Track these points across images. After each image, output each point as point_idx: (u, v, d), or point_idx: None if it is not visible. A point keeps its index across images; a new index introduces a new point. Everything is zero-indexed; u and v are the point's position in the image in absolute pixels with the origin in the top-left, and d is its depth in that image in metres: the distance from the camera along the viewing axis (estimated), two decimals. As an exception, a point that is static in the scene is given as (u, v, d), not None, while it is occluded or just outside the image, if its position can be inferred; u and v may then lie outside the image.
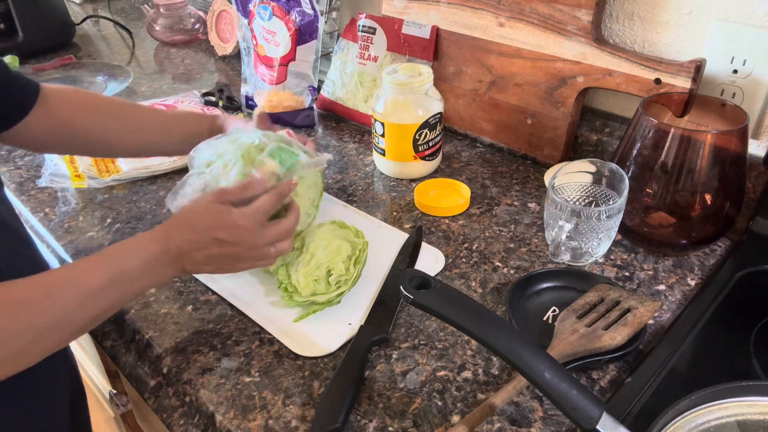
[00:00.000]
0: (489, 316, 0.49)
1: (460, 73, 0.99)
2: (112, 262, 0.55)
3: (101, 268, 0.54)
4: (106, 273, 0.54)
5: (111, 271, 0.54)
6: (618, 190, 0.69)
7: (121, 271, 0.55)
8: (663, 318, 0.65)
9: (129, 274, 0.55)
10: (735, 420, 0.47)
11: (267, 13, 1.03)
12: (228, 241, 0.58)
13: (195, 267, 0.59)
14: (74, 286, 0.52)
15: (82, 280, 0.53)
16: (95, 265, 0.54)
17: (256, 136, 0.67)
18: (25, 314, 0.49)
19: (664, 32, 0.81)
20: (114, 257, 0.55)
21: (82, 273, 0.53)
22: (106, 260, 0.55)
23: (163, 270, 0.58)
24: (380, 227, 0.79)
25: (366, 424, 0.54)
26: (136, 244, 0.57)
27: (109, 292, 0.54)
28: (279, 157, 0.65)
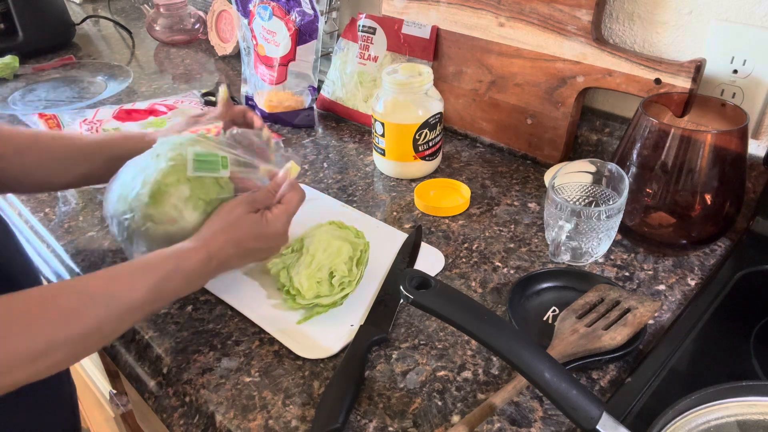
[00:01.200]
0: (489, 316, 0.49)
1: (460, 73, 0.99)
2: (154, 274, 0.54)
3: (144, 281, 0.53)
4: (148, 287, 0.53)
5: (154, 284, 0.54)
6: (618, 190, 0.69)
7: (163, 285, 0.54)
8: (663, 318, 0.65)
9: (170, 287, 0.55)
10: (735, 420, 0.47)
11: (267, 13, 1.03)
12: (266, 247, 0.63)
13: (227, 269, 0.62)
14: (116, 301, 0.51)
15: (124, 295, 0.52)
16: (137, 277, 0.54)
17: (166, 157, 0.64)
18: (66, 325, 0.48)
19: (664, 32, 0.81)
20: (157, 269, 0.55)
21: (125, 287, 0.53)
22: (148, 272, 0.54)
23: (202, 281, 0.59)
24: (380, 227, 0.79)
25: (366, 424, 0.54)
26: (179, 257, 0.56)
27: (148, 306, 0.54)
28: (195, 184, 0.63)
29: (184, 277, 0.56)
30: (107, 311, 0.51)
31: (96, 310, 0.50)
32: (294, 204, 0.65)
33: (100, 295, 0.51)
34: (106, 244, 0.78)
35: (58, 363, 0.48)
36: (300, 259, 0.68)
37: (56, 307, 0.48)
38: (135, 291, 0.53)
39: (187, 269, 0.56)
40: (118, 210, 0.63)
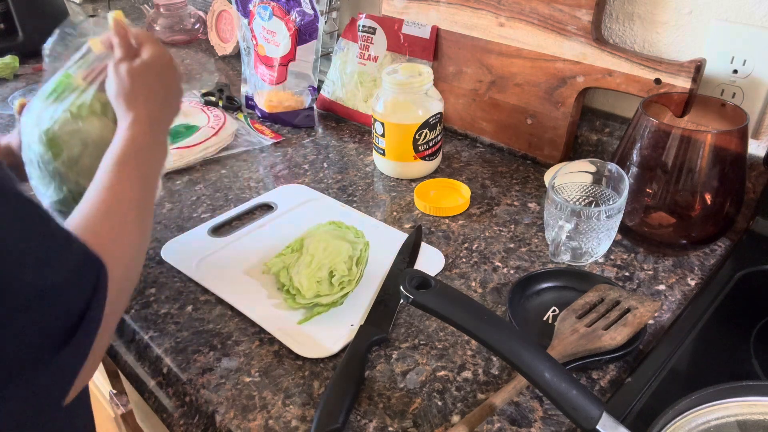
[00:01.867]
0: (489, 316, 0.49)
1: (460, 73, 0.99)
2: (132, 167, 0.58)
3: (133, 175, 0.57)
4: (138, 177, 0.58)
5: (141, 172, 0.58)
6: (618, 190, 0.69)
7: (143, 165, 0.59)
8: (663, 318, 0.65)
9: (147, 161, 0.60)
10: (735, 420, 0.47)
11: (267, 13, 1.03)
12: (165, 72, 0.68)
13: (156, 107, 0.64)
14: (124, 203, 0.55)
15: (127, 196, 0.56)
16: (127, 175, 0.57)
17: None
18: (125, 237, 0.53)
19: (664, 32, 0.81)
20: (128, 166, 0.58)
21: (125, 190, 0.56)
22: (127, 168, 0.57)
23: (156, 137, 0.62)
24: (380, 227, 0.79)
25: (366, 424, 0.54)
26: (127, 141, 0.59)
27: (145, 185, 0.58)
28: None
29: (147, 153, 0.60)
30: (124, 217, 0.54)
31: (118, 220, 0.54)
32: (142, 32, 0.71)
33: (114, 204, 0.55)
34: (106, 244, 0.78)
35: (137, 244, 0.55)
36: (300, 258, 0.68)
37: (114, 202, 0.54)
38: (133, 189, 0.57)
39: (142, 144, 0.60)
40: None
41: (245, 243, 0.77)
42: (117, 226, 0.53)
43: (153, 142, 0.62)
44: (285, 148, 1.01)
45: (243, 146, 1.01)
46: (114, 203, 0.54)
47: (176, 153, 0.94)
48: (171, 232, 0.80)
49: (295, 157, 0.98)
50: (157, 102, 0.64)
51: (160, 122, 0.65)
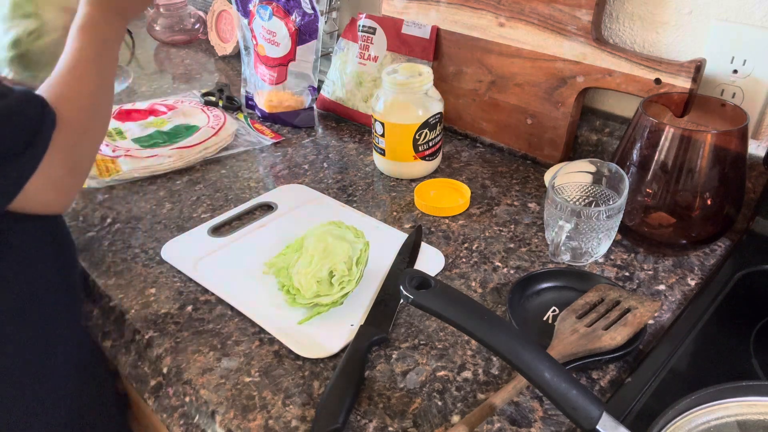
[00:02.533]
0: (489, 316, 0.49)
1: (460, 73, 0.99)
2: (89, 34, 0.68)
3: (88, 42, 0.68)
4: (94, 44, 0.68)
5: (95, 39, 0.69)
6: (618, 190, 0.69)
7: (100, 33, 0.69)
8: (663, 318, 0.65)
9: (103, 31, 0.69)
10: (735, 420, 0.47)
11: (267, 13, 1.03)
12: None
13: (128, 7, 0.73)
14: (86, 61, 0.67)
15: (85, 55, 0.67)
16: (82, 44, 0.68)
17: None
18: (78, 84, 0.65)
19: (664, 32, 0.81)
20: (86, 33, 0.68)
21: (80, 52, 0.67)
22: (85, 34, 0.68)
23: (119, 22, 0.72)
24: (380, 227, 0.79)
25: (366, 424, 0.54)
26: (87, 13, 0.69)
27: (103, 48, 0.69)
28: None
29: (102, 25, 0.70)
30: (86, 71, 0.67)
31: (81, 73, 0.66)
32: None
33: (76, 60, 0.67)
34: (106, 244, 0.78)
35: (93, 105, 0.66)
36: (300, 258, 0.68)
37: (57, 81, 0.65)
38: (89, 50, 0.68)
39: (98, 18, 0.69)
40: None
41: (245, 243, 0.77)
42: (76, 77, 0.65)
43: (106, 18, 0.70)
44: (285, 148, 1.01)
45: (243, 146, 1.01)
46: (73, 60, 0.66)
47: (176, 153, 0.94)
48: (171, 232, 0.80)
49: (295, 157, 0.98)
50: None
51: (116, 5, 0.72)
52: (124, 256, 0.76)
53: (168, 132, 1.00)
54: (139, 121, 1.03)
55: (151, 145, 0.96)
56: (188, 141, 0.97)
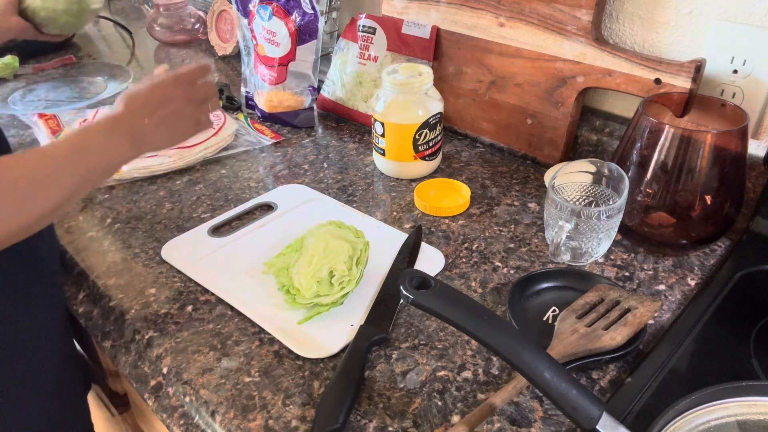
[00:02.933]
0: (489, 316, 0.49)
1: (460, 73, 0.99)
2: (74, 138, 0.60)
3: (65, 143, 0.59)
4: (70, 145, 0.59)
5: (74, 142, 0.59)
6: (618, 190, 0.69)
7: (83, 142, 0.60)
8: (663, 318, 0.65)
9: (90, 144, 0.60)
10: (735, 420, 0.47)
11: (267, 13, 1.03)
12: (166, 97, 0.67)
13: (147, 132, 0.65)
14: (45, 156, 0.57)
15: (50, 151, 0.58)
16: (60, 143, 0.60)
17: None
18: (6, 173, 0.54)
19: (664, 32, 0.81)
20: (75, 134, 0.60)
21: (50, 146, 0.59)
22: (69, 138, 0.60)
23: (120, 140, 0.62)
24: (380, 227, 0.79)
25: (366, 424, 0.54)
26: (94, 124, 0.62)
27: (75, 162, 0.59)
28: None
29: (100, 136, 0.61)
30: (39, 165, 0.56)
31: (29, 164, 0.56)
32: (190, 68, 0.71)
33: (31, 153, 0.57)
34: (106, 244, 0.78)
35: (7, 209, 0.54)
36: (300, 258, 0.68)
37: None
38: (59, 149, 0.59)
39: (101, 128, 0.62)
40: None
41: (245, 243, 0.77)
42: (27, 167, 0.56)
43: (111, 146, 0.62)
44: (285, 148, 1.01)
45: (243, 146, 1.01)
46: (46, 153, 0.58)
47: (176, 153, 0.94)
48: (171, 232, 0.80)
49: (295, 157, 0.98)
50: (156, 121, 0.66)
51: (141, 140, 0.65)
52: (124, 256, 0.76)
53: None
54: (139, 121, 1.03)
55: (151, 145, 0.96)
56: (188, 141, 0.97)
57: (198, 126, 0.72)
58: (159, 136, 0.67)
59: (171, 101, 0.67)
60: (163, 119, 0.67)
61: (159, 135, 0.67)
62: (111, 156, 0.62)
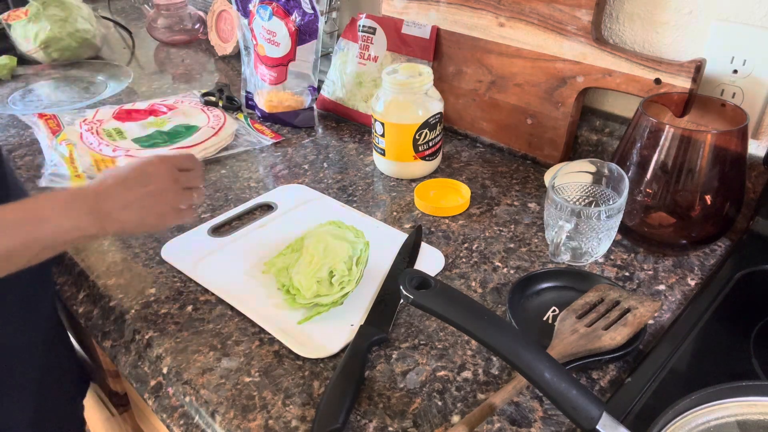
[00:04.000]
0: (489, 316, 0.49)
1: (460, 73, 0.99)
2: (28, 202, 0.57)
3: (16, 205, 0.55)
4: (20, 207, 0.55)
5: (26, 207, 0.55)
6: (618, 190, 0.69)
7: (36, 208, 0.56)
8: (663, 318, 0.65)
9: (42, 213, 0.56)
10: (735, 420, 0.47)
11: (267, 13, 1.03)
12: (147, 174, 0.63)
13: (114, 210, 0.60)
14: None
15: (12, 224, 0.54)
16: (12, 204, 0.56)
17: None
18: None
19: (664, 32, 0.81)
20: (31, 199, 0.57)
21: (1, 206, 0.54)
22: (24, 201, 0.57)
23: (77, 213, 0.57)
24: (380, 227, 0.79)
25: (366, 424, 0.54)
26: (54, 193, 0.59)
27: (19, 225, 0.54)
28: None
29: (55, 205, 0.57)
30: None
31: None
32: (181, 157, 0.68)
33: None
34: (106, 244, 0.78)
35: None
36: (300, 258, 0.68)
37: None
38: (2, 212, 0.54)
39: (59, 198, 0.58)
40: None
41: (245, 243, 0.77)
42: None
43: (65, 218, 0.57)
44: (285, 148, 1.01)
45: (243, 146, 1.01)
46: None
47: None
48: (171, 232, 0.80)
49: (295, 157, 0.98)
50: (126, 200, 0.61)
51: (105, 217, 0.60)
52: (124, 256, 0.76)
53: (168, 132, 1.00)
54: (139, 121, 1.03)
55: (151, 145, 0.96)
56: (188, 141, 0.97)
57: (177, 213, 0.66)
58: (129, 215, 0.61)
59: (152, 179, 0.63)
60: (139, 198, 0.62)
61: (129, 214, 0.61)
62: (63, 229, 0.56)
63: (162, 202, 0.64)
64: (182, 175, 0.66)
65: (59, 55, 1.33)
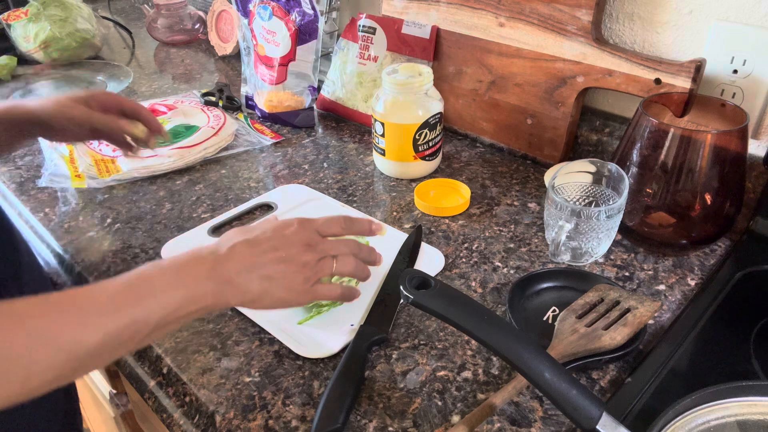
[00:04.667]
0: (489, 316, 0.49)
1: (460, 73, 0.99)
2: (130, 276, 0.46)
3: (116, 283, 0.45)
4: (119, 285, 0.45)
5: (127, 283, 0.45)
6: (618, 190, 0.69)
7: (138, 283, 0.46)
8: (663, 318, 0.65)
9: (148, 286, 0.46)
10: (735, 420, 0.47)
11: (267, 13, 1.03)
12: (278, 237, 0.52)
13: (235, 274, 0.49)
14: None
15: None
16: (109, 282, 0.45)
17: None
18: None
19: (664, 32, 0.81)
20: (133, 272, 0.46)
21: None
22: (125, 276, 0.46)
23: (193, 278, 0.47)
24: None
25: (366, 424, 0.54)
26: (168, 260, 0.48)
27: (121, 307, 0.44)
28: None
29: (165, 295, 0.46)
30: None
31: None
32: (338, 220, 0.57)
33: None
34: (106, 244, 0.78)
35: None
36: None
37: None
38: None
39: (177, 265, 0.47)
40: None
41: (245, 243, 0.77)
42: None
43: (184, 296, 0.47)
44: (285, 148, 1.01)
45: (243, 146, 1.01)
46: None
47: (176, 153, 0.94)
48: (171, 232, 0.80)
49: (295, 157, 0.98)
50: (253, 265, 0.50)
51: (225, 283, 0.49)
52: (124, 256, 0.76)
53: (168, 132, 1.00)
54: (139, 121, 1.03)
55: (151, 145, 0.96)
56: (188, 141, 0.97)
57: (311, 289, 0.54)
58: (251, 283, 0.50)
59: (286, 243, 0.52)
60: (266, 264, 0.51)
61: (252, 282, 0.50)
62: (174, 303, 0.46)
63: (293, 271, 0.52)
64: (325, 243, 0.55)
65: (59, 55, 1.33)
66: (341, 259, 0.56)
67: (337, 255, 0.56)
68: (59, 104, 0.72)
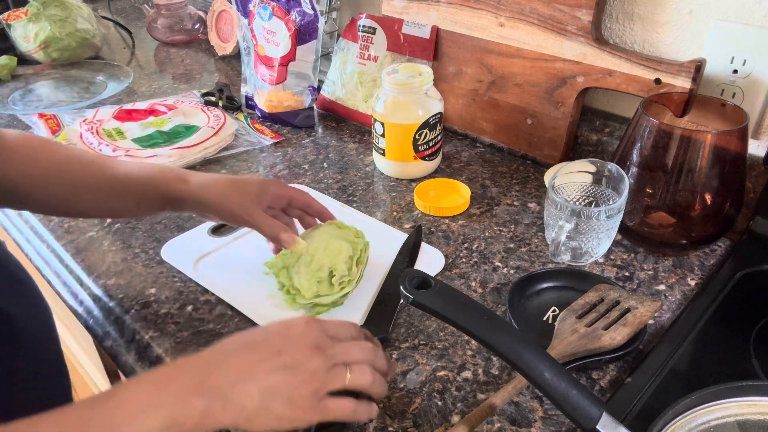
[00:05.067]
0: (489, 316, 0.49)
1: (460, 73, 0.99)
2: (106, 396, 0.40)
3: (85, 405, 0.39)
4: (87, 409, 0.39)
5: (96, 406, 0.39)
6: (618, 190, 0.69)
7: (112, 406, 0.39)
8: (663, 318, 0.65)
9: (121, 410, 0.39)
10: (735, 420, 0.47)
11: (267, 13, 1.03)
12: (280, 339, 0.44)
13: (226, 385, 0.42)
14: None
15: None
16: (80, 404, 0.39)
17: None
18: None
19: (664, 32, 0.81)
20: (110, 391, 0.41)
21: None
22: (101, 396, 0.40)
23: (175, 396, 0.40)
24: (380, 227, 0.79)
25: (366, 424, 0.54)
26: (140, 376, 0.43)
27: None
28: None
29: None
30: None
31: None
32: (354, 327, 0.50)
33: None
34: (106, 244, 0.78)
35: None
36: (300, 258, 0.68)
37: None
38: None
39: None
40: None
41: (245, 243, 0.77)
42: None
43: (164, 421, 0.39)
44: (285, 148, 1.01)
45: (243, 146, 1.01)
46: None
47: (176, 153, 0.94)
48: (171, 232, 0.80)
49: (295, 157, 0.98)
50: (247, 364, 0.43)
51: (214, 396, 0.42)
52: (124, 256, 0.76)
53: (168, 132, 1.00)
54: (139, 121, 1.03)
55: (151, 145, 0.96)
56: (188, 141, 0.97)
57: (321, 403, 0.45)
58: (246, 396, 0.42)
59: (291, 346, 0.44)
60: (265, 371, 0.43)
61: (247, 394, 0.42)
62: (152, 427, 0.39)
63: (299, 381, 0.44)
64: (337, 347, 0.47)
65: (59, 55, 1.33)
66: (356, 369, 0.47)
67: (351, 363, 0.47)
68: (223, 196, 0.63)
